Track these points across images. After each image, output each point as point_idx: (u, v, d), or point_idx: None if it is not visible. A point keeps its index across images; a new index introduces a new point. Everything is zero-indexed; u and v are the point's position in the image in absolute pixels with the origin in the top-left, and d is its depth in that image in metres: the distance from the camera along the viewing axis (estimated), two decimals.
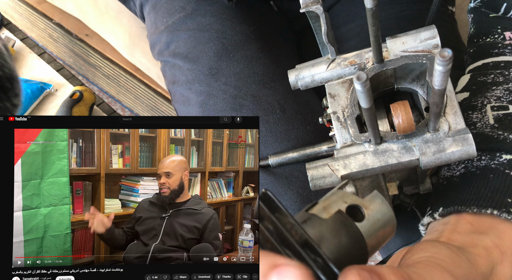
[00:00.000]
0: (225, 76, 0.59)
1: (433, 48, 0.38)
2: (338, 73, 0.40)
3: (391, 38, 0.39)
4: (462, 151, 0.35)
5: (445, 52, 0.25)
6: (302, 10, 0.38)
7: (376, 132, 0.34)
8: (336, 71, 0.40)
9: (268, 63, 0.61)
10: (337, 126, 0.38)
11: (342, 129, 0.38)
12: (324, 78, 0.40)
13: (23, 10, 1.43)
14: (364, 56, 0.40)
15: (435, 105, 0.32)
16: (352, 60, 0.40)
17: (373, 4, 0.29)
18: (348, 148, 0.37)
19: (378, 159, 0.36)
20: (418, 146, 0.36)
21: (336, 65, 0.40)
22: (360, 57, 0.40)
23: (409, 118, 0.34)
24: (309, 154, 0.50)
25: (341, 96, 0.39)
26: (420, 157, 0.35)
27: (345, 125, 0.38)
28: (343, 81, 0.40)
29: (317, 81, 0.41)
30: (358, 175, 0.36)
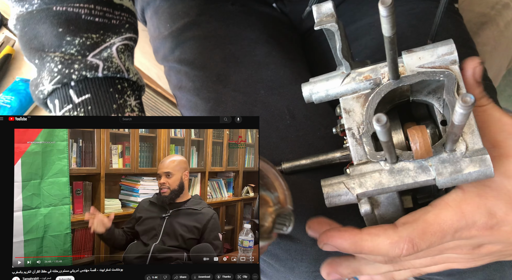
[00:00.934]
0: (233, 83, 0.59)
1: (451, 64, 0.37)
2: (353, 88, 0.39)
3: (407, 52, 0.38)
4: (479, 172, 0.34)
5: (467, 97, 0.25)
6: (316, 28, 0.37)
7: (393, 154, 0.34)
8: (350, 85, 0.39)
9: (276, 68, 0.60)
10: (352, 143, 0.38)
11: (358, 147, 0.38)
12: (338, 93, 0.40)
13: None
14: (379, 71, 0.39)
15: (454, 134, 0.32)
16: (368, 75, 0.39)
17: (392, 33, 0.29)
18: (364, 165, 0.37)
19: (394, 178, 0.36)
20: (435, 165, 0.35)
21: (351, 80, 0.39)
22: (376, 72, 0.39)
23: (426, 144, 0.33)
24: (322, 161, 0.49)
25: (356, 112, 0.39)
26: (437, 177, 0.35)
27: (361, 143, 0.38)
28: (358, 97, 0.39)
29: (332, 96, 0.40)
30: (373, 194, 0.36)
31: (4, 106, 0.77)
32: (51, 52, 0.44)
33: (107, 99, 0.44)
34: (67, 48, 0.44)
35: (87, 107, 0.44)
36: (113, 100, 0.45)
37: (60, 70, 0.43)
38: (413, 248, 0.35)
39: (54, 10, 0.44)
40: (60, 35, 0.44)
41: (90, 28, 0.45)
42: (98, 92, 0.44)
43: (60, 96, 0.44)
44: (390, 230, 0.36)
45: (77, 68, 0.43)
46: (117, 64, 0.45)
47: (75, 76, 0.43)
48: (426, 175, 0.35)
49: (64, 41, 0.44)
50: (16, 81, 0.81)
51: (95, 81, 0.44)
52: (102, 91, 0.44)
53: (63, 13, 0.44)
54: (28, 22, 0.45)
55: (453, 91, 0.36)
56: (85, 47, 0.44)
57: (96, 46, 0.45)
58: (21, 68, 0.86)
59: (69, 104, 0.44)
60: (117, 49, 0.46)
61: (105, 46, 0.46)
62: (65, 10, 0.44)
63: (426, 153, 0.34)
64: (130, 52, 0.49)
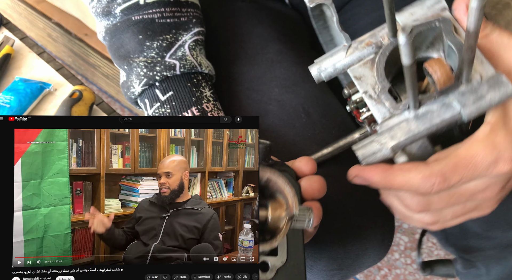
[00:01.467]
0: (246, 81, 0.59)
1: (441, 11, 0.39)
2: (358, 56, 0.41)
3: (399, 12, 0.40)
4: (501, 93, 0.35)
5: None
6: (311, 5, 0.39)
7: (416, 93, 0.35)
8: (355, 55, 0.41)
9: (289, 66, 0.60)
10: (371, 104, 0.39)
11: (378, 105, 0.39)
12: (345, 65, 0.41)
13: (22, 9, 1.43)
14: (378, 34, 0.41)
15: (470, 50, 0.32)
16: (369, 41, 0.41)
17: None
18: (389, 120, 0.38)
19: (422, 122, 0.37)
20: (457, 99, 0.36)
21: (354, 50, 0.41)
22: (375, 37, 0.41)
23: (447, 70, 0.34)
24: (343, 146, 0.51)
25: (367, 76, 0.41)
26: (462, 109, 0.36)
27: (380, 101, 0.39)
28: (364, 63, 0.41)
29: (339, 69, 0.42)
30: (406, 143, 0.37)
31: (3, 106, 0.77)
32: (136, 58, 0.51)
33: (187, 94, 0.50)
34: (148, 52, 0.50)
35: (172, 103, 0.50)
36: (192, 94, 0.50)
37: (145, 74, 0.50)
38: (445, 182, 0.35)
39: (133, 20, 0.50)
40: (140, 41, 0.50)
41: (163, 30, 0.51)
42: (179, 88, 0.50)
43: (149, 96, 0.51)
44: (421, 165, 0.36)
45: (158, 70, 0.50)
46: (191, 61, 0.51)
47: (158, 77, 0.50)
48: (451, 110, 0.36)
49: (145, 46, 0.50)
50: (15, 81, 0.81)
51: (175, 79, 0.51)
52: (181, 87, 0.50)
53: (140, 21, 0.50)
54: (114, 34, 0.52)
55: (452, 32, 0.37)
56: (162, 49, 0.50)
57: (171, 46, 0.51)
58: (21, 68, 0.86)
59: (157, 102, 0.50)
60: (189, 47, 0.52)
61: (179, 45, 0.51)
62: (142, 18, 0.50)
63: (448, 79, 0.34)
64: (201, 46, 0.55)
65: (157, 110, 0.50)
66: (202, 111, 0.50)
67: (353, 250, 0.52)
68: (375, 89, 0.40)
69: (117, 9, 0.51)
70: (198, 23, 0.54)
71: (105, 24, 0.53)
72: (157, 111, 0.50)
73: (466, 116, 0.36)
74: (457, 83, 0.36)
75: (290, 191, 0.36)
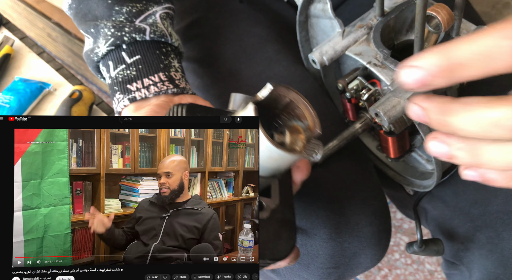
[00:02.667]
0: (245, 78, 0.59)
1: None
2: (354, 38, 0.46)
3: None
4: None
5: None
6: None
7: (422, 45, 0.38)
8: (351, 36, 0.46)
9: (288, 65, 0.61)
10: (378, 70, 0.44)
11: (385, 70, 0.43)
12: (344, 46, 0.46)
13: (22, 9, 1.43)
14: (367, 18, 0.47)
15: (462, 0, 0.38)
16: (360, 24, 0.46)
17: None
18: None
19: None
20: None
21: (348, 32, 0.46)
22: (365, 20, 0.46)
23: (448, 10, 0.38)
24: (347, 136, 0.53)
25: (367, 50, 0.45)
26: None
27: (385, 66, 0.43)
28: (360, 42, 0.46)
29: (339, 51, 0.46)
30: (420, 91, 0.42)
31: (3, 106, 0.77)
32: (104, 21, 0.50)
33: (155, 60, 0.50)
34: (116, 17, 0.50)
35: (138, 66, 0.49)
36: (160, 61, 0.50)
37: (113, 34, 0.49)
38: None
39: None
40: (109, 6, 0.50)
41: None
42: (147, 53, 0.50)
43: (114, 58, 0.50)
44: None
45: (127, 31, 0.49)
46: (161, 29, 0.51)
47: (126, 39, 0.49)
48: None
49: (113, 11, 0.50)
50: (15, 81, 0.81)
51: (144, 44, 0.50)
52: (150, 53, 0.50)
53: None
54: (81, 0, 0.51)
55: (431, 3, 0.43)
56: (132, 15, 0.50)
57: (141, 13, 0.51)
58: (20, 68, 0.86)
59: (122, 64, 0.49)
60: (160, 16, 0.52)
61: (149, 13, 0.51)
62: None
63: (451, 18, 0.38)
64: (171, 21, 0.54)
65: (122, 72, 0.49)
66: (170, 78, 0.49)
67: (350, 248, 0.52)
68: (377, 58, 0.44)
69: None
70: (169, 0, 0.55)
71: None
72: (121, 73, 0.49)
73: None
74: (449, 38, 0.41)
75: (312, 112, 0.36)
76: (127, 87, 0.48)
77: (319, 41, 0.55)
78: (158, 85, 0.48)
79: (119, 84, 0.49)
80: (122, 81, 0.48)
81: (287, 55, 0.61)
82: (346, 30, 0.46)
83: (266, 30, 0.64)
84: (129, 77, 0.48)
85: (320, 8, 0.48)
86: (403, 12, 0.45)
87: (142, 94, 0.48)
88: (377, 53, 0.44)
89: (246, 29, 0.63)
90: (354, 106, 0.53)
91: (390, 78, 0.42)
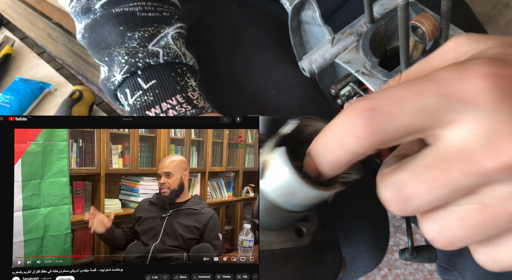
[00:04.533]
0: (243, 83, 0.59)
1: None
2: (343, 45, 0.46)
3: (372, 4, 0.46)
4: None
5: None
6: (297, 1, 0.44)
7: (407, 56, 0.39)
8: (340, 44, 0.46)
9: (285, 69, 0.61)
10: (366, 79, 0.44)
11: (372, 79, 0.43)
12: (333, 54, 0.46)
13: (22, 9, 1.43)
14: (357, 25, 0.47)
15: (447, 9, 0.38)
16: (350, 31, 0.46)
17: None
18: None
19: None
20: None
21: (338, 40, 0.46)
22: (355, 27, 0.47)
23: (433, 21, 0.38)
24: None
25: (356, 58, 0.45)
26: None
27: (373, 75, 0.43)
28: (349, 50, 0.46)
29: (328, 59, 0.46)
30: None
31: (3, 106, 0.77)
32: (118, 48, 0.50)
33: (171, 82, 0.49)
34: (129, 43, 0.50)
35: (155, 91, 0.48)
36: (176, 83, 0.49)
37: (127, 61, 0.49)
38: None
39: (114, 13, 0.50)
40: (121, 32, 0.50)
41: (145, 23, 0.51)
42: (162, 76, 0.49)
43: (130, 85, 0.50)
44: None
45: (141, 57, 0.49)
46: (174, 50, 0.50)
47: (140, 64, 0.49)
48: None
49: (126, 37, 0.50)
50: (15, 81, 0.81)
51: (158, 68, 0.50)
52: (165, 76, 0.49)
53: (121, 13, 0.50)
54: (94, 28, 0.51)
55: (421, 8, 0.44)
56: (144, 39, 0.50)
57: (153, 37, 0.51)
58: (21, 68, 0.86)
59: (139, 91, 0.49)
60: (172, 37, 0.52)
61: (161, 36, 0.51)
62: (122, 10, 0.50)
63: (435, 28, 0.38)
64: (184, 40, 0.54)
65: (139, 98, 0.49)
66: (187, 99, 0.49)
67: (348, 253, 0.52)
68: (366, 67, 0.44)
69: (97, 4, 0.50)
70: (180, 19, 0.54)
71: (86, 22, 0.52)
72: (138, 99, 0.49)
73: None
74: (437, 46, 0.41)
75: None
76: (146, 114, 0.48)
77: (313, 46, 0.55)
78: (177, 108, 0.48)
79: (138, 112, 0.48)
80: (141, 108, 0.48)
81: (284, 58, 0.61)
82: (336, 38, 0.46)
83: (264, 34, 0.64)
84: (147, 103, 0.48)
85: (310, 15, 0.48)
86: (394, 18, 0.45)
87: None
88: (365, 61, 0.44)
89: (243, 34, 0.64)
90: None
91: (378, 87, 0.43)
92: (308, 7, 0.48)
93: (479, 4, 0.96)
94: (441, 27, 0.40)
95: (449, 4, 0.37)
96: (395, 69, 0.42)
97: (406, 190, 0.20)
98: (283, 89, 0.58)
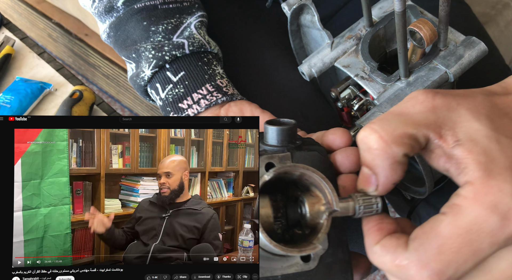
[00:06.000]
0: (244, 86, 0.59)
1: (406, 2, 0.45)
2: (342, 49, 0.46)
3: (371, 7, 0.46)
4: (477, 50, 0.41)
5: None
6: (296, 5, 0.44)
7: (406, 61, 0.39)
8: (339, 48, 0.46)
9: (286, 71, 0.61)
10: (365, 83, 0.43)
11: (371, 83, 0.43)
12: (332, 58, 0.46)
13: (23, 9, 1.43)
14: (356, 28, 0.46)
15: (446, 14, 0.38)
16: (349, 35, 0.46)
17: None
18: (385, 93, 0.42)
19: (414, 87, 0.41)
20: (440, 63, 0.42)
21: (337, 44, 0.46)
22: (354, 31, 0.46)
23: (431, 26, 0.38)
24: None
25: (355, 62, 0.45)
26: (448, 70, 0.41)
27: (372, 79, 0.43)
28: (349, 54, 0.46)
29: (328, 63, 0.46)
30: None
31: (4, 106, 0.77)
32: (143, 43, 0.50)
33: (199, 72, 0.50)
34: (154, 37, 0.50)
35: (185, 82, 0.49)
36: (204, 72, 0.50)
37: (154, 55, 0.49)
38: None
39: (136, 8, 0.51)
40: (145, 27, 0.51)
41: (167, 15, 0.51)
42: (190, 67, 0.50)
43: (160, 79, 0.50)
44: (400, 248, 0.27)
45: (167, 50, 0.49)
46: (199, 39, 0.51)
47: (167, 58, 0.49)
48: (438, 72, 0.41)
49: (150, 31, 0.50)
50: (16, 81, 0.81)
51: (185, 59, 0.50)
52: (193, 66, 0.50)
53: (143, 8, 0.51)
54: (119, 26, 0.52)
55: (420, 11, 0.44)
56: (168, 32, 0.51)
57: (177, 28, 0.51)
58: (21, 68, 0.86)
59: (170, 84, 0.50)
60: (195, 26, 0.52)
61: (184, 27, 0.52)
62: (144, 5, 0.51)
63: (433, 33, 0.39)
64: (206, 28, 0.55)
65: (170, 92, 0.49)
66: (217, 87, 0.49)
67: None
68: (365, 71, 0.44)
69: (119, 2, 0.51)
70: (200, 8, 0.55)
71: (110, 21, 0.53)
72: (170, 93, 0.49)
73: (453, 74, 0.41)
74: (437, 49, 0.42)
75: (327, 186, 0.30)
76: (179, 106, 0.49)
77: (313, 48, 0.55)
78: (208, 98, 0.48)
79: (171, 105, 0.49)
80: (173, 101, 0.49)
81: (285, 60, 0.61)
82: (335, 41, 0.46)
83: (265, 36, 0.64)
84: (178, 95, 0.49)
85: (309, 19, 0.48)
86: (393, 21, 0.44)
87: (194, 110, 0.48)
88: (364, 65, 0.44)
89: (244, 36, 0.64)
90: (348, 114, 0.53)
91: (377, 91, 0.42)
92: (307, 12, 0.48)
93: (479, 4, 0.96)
94: (439, 31, 0.40)
95: (447, 9, 0.37)
96: (394, 73, 0.42)
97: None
98: (285, 92, 0.58)
